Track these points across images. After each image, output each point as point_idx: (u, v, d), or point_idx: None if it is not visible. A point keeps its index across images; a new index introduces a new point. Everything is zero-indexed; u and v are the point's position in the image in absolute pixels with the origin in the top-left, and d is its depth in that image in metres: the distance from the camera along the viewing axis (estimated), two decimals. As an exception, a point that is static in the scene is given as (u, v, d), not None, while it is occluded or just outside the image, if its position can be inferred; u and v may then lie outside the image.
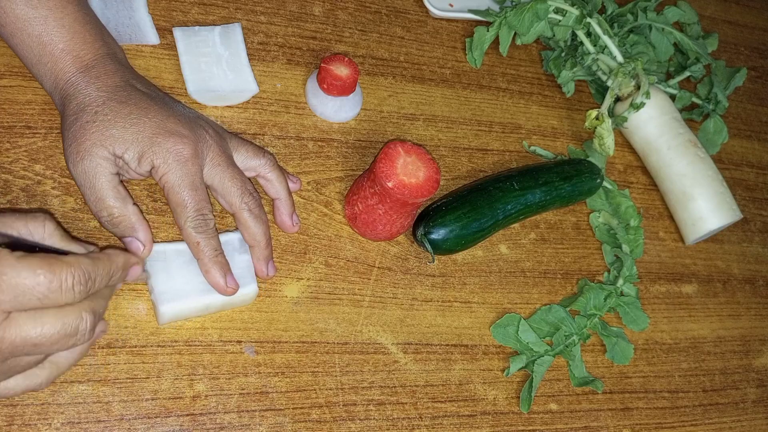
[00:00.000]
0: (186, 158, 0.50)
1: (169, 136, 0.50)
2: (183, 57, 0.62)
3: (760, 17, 1.03)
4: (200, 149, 0.52)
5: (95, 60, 0.52)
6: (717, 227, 0.75)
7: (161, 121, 0.51)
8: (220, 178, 0.53)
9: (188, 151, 0.51)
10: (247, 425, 0.52)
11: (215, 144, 0.53)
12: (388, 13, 0.75)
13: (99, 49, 0.53)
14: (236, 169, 0.54)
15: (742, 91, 0.93)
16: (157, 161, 0.50)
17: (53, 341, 0.40)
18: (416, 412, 0.58)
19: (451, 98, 0.74)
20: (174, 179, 0.50)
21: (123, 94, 0.51)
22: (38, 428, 0.47)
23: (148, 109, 0.51)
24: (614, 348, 0.67)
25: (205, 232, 0.51)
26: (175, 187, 0.50)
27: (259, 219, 0.54)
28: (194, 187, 0.51)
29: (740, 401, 0.72)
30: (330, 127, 0.66)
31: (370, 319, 0.60)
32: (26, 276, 0.38)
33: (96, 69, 0.52)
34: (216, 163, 0.53)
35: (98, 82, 0.51)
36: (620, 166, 0.79)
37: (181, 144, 0.50)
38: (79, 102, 0.50)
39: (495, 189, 0.66)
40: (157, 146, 0.50)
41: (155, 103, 0.52)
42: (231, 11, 0.67)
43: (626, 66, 0.74)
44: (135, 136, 0.50)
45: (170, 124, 0.51)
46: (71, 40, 0.52)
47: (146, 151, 0.50)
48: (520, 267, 0.68)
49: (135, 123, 0.50)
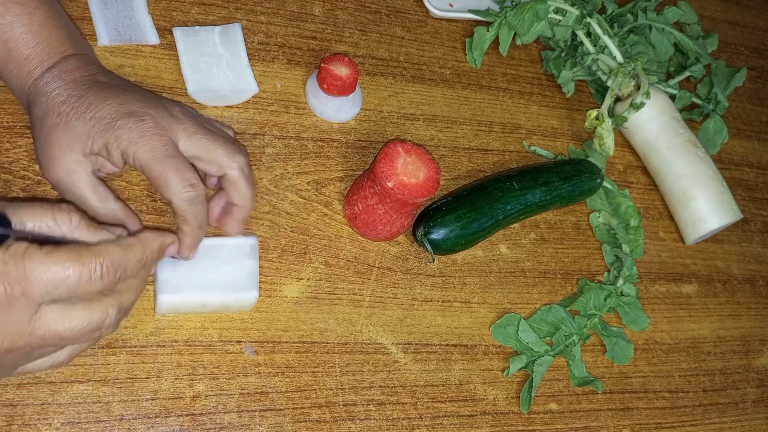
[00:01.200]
0: (152, 131, 0.48)
1: (128, 117, 0.49)
2: (183, 57, 0.62)
3: (760, 17, 1.03)
4: (167, 123, 0.50)
5: (58, 61, 0.51)
6: (717, 227, 0.75)
7: (120, 105, 0.49)
8: (201, 145, 0.50)
9: (151, 124, 0.49)
10: (247, 425, 0.52)
11: (184, 116, 0.51)
12: (388, 13, 0.75)
13: (65, 51, 0.52)
14: (215, 133, 0.52)
15: (742, 91, 0.93)
16: (123, 144, 0.48)
17: (79, 335, 0.41)
18: (416, 412, 0.58)
19: (451, 98, 0.74)
20: (144, 154, 0.48)
21: (82, 89, 0.50)
22: (38, 428, 0.47)
23: (106, 97, 0.50)
24: (614, 348, 0.67)
25: (195, 203, 0.49)
26: (150, 161, 0.48)
27: (249, 178, 0.53)
28: (169, 155, 0.48)
29: (740, 401, 0.72)
30: (330, 127, 0.66)
31: (370, 319, 0.60)
32: (56, 270, 0.38)
33: (57, 68, 0.51)
34: (191, 131, 0.50)
35: (59, 81, 0.50)
36: (620, 166, 0.79)
37: (143, 121, 0.49)
38: (42, 106, 0.50)
39: (495, 189, 0.66)
40: (118, 129, 0.48)
41: (114, 90, 0.51)
42: (231, 11, 0.67)
43: (626, 66, 0.74)
44: (95, 126, 0.48)
45: (130, 106, 0.49)
46: (36, 46, 0.51)
47: (109, 139, 0.48)
48: (520, 267, 0.68)
49: (94, 114, 0.49)
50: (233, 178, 0.52)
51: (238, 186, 0.52)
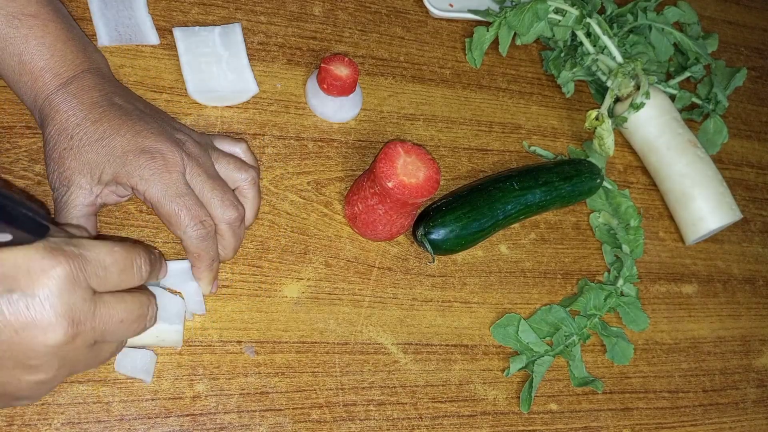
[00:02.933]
0: (162, 169, 0.49)
1: (141, 153, 0.49)
2: (183, 57, 0.62)
3: (760, 17, 1.03)
4: (179, 159, 0.51)
5: (74, 76, 0.51)
6: (717, 227, 0.75)
7: (133, 137, 0.50)
8: (200, 189, 0.51)
9: (161, 163, 0.49)
10: (247, 425, 0.52)
11: (193, 155, 0.52)
12: (388, 13, 0.75)
13: (79, 65, 0.52)
14: (218, 180, 0.53)
15: (742, 91, 0.93)
16: (133, 180, 0.49)
17: (133, 320, 0.44)
18: (416, 412, 0.58)
19: (451, 98, 0.74)
20: (156, 192, 0.49)
21: (98, 112, 0.50)
22: (38, 428, 0.47)
23: (120, 126, 0.50)
24: (614, 348, 0.67)
25: (206, 240, 0.51)
26: (161, 199, 0.49)
27: (236, 234, 0.54)
28: (180, 194, 0.50)
29: (740, 401, 0.72)
30: (330, 127, 0.66)
31: (370, 319, 0.60)
32: (106, 252, 0.42)
33: (74, 84, 0.51)
34: (195, 173, 0.51)
35: (74, 100, 0.50)
36: (620, 166, 0.79)
37: (154, 159, 0.49)
38: (56, 124, 0.50)
39: (495, 189, 0.66)
40: (129, 165, 0.49)
41: (129, 118, 0.51)
42: (231, 11, 0.67)
43: (626, 66, 0.74)
44: (107, 158, 0.49)
45: (143, 140, 0.50)
46: (51, 58, 0.51)
47: (119, 172, 0.49)
48: (520, 267, 0.68)
49: (107, 144, 0.49)
50: (220, 230, 0.53)
51: (223, 237, 0.53)
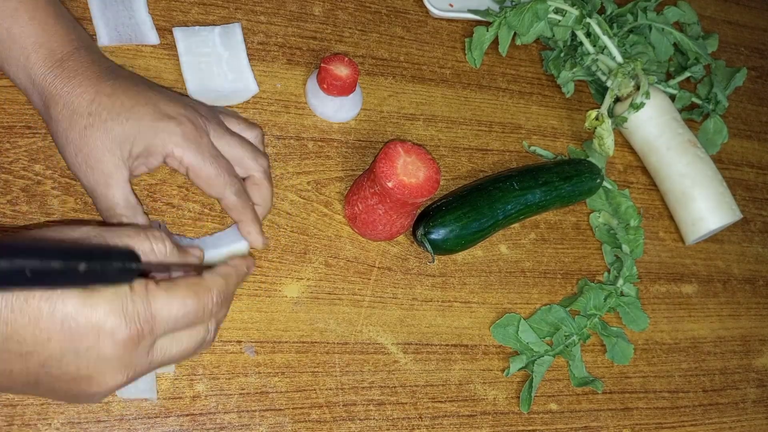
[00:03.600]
0: (194, 134, 0.50)
1: (168, 119, 0.49)
2: (183, 57, 0.62)
3: (760, 17, 1.03)
4: (200, 123, 0.51)
5: (69, 53, 0.50)
6: (717, 227, 0.75)
7: (154, 106, 0.50)
8: (228, 147, 0.53)
9: (191, 127, 0.50)
10: (247, 425, 0.52)
11: (211, 116, 0.53)
12: (388, 13, 0.75)
13: (72, 41, 0.51)
14: (236, 135, 0.54)
15: (742, 91, 0.93)
16: (168, 148, 0.49)
17: (187, 355, 0.44)
18: (416, 412, 0.58)
19: (451, 98, 0.74)
20: (194, 157, 0.50)
21: (108, 86, 0.49)
22: (38, 428, 0.47)
23: (137, 96, 0.50)
24: (614, 348, 0.67)
25: (243, 195, 0.52)
26: (200, 163, 0.50)
27: (270, 179, 0.55)
28: (216, 155, 0.51)
29: (740, 401, 0.72)
30: (330, 127, 0.66)
31: (370, 319, 0.60)
32: (178, 308, 0.41)
33: (71, 61, 0.50)
34: (219, 134, 0.52)
35: (78, 77, 0.49)
36: (620, 166, 0.79)
37: (182, 123, 0.50)
38: (66, 103, 0.48)
39: (495, 189, 0.66)
40: (162, 133, 0.49)
41: (141, 88, 0.51)
42: (231, 11, 0.67)
43: (626, 66, 0.74)
44: (135, 129, 0.48)
45: (164, 108, 0.50)
46: (43, 33, 0.50)
47: (152, 142, 0.49)
48: (520, 267, 0.68)
49: (131, 115, 0.49)
50: (258, 180, 0.54)
51: (261, 187, 0.54)
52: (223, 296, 0.44)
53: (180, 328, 0.42)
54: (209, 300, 0.43)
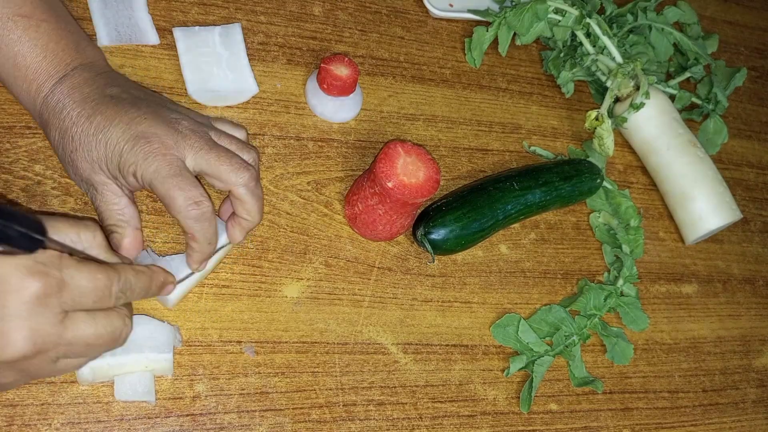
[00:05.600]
0: (158, 152, 0.49)
1: (137, 140, 0.49)
2: (183, 57, 0.62)
3: (760, 17, 1.03)
4: (174, 141, 0.50)
5: (65, 75, 0.51)
6: (717, 227, 0.75)
7: (127, 125, 0.49)
8: (206, 162, 0.51)
9: (157, 145, 0.49)
10: (247, 425, 0.52)
11: (191, 131, 0.51)
12: (388, 13, 0.75)
13: (70, 63, 0.52)
14: (220, 149, 0.52)
15: (742, 91, 0.93)
16: (131, 168, 0.49)
17: (102, 342, 0.43)
18: (416, 413, 0.58)
19: (451, 98, 0.74)
20: (152, 174, 0.48)
21: (90, 107, 0.50)
22: (38, 428, 0.47)
23: (114, 116, 0.50)
24: (614, 348, 0.67)
25: (201, 220, 0.50)
26: (154, 181, 0.49)
27: (255, 194, 0.53)
28: (173, 174, 0.49)
29: (740, 401, 0.72)
30: (330, 127, 0.66)
31: (370, 319, 0.60)
32: (87, 279, 0.41)
33: (66, 83, 0.51)
34: (198, 148, 0.51)
35: (67, 98, 0.50)
36: (620, 166, 0.79)
37: (149, 143, 0.49)
38: (58, 129, 0.50)
39: (495, 189, 0.66)
40: (127, 154, 0.49)
41: (122, 107, 0.51)
42: (231, 11, 0.67)
43: (625, 66, 0.74)
44: (108, 151, 0.49)
45: (137, 127, 0.50)
46: (44, 60, 0.51)
47: (121, 162, 0.49)
48: (520, 267, 0.68)
49: (103, 137, 0.49)
50: (239, 194, 0.52)
51: (244, 202, 0.53)
52: (128, 286, 0.44)
53: (89, 305, 0.42)
54: (116, 283, 0.43)
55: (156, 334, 0.50)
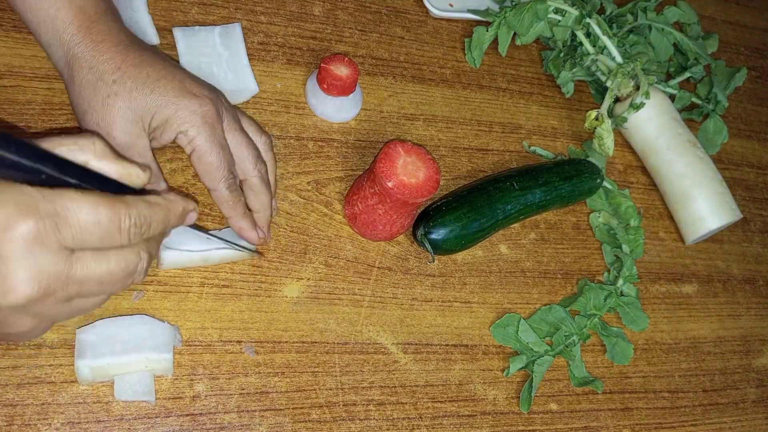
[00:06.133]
0: (212, 119, 0.50)
1: (192, 97, 0.50)
2: (183, 57, 0.62)
3: (760, 17, 1.03)
4: (220, 110, 0.51)
5: (99, 15, 0.50)
6: (717, 227, 0.75)
7: (180, 82, 0.50)
8: (236, 143, 0.53)
9: (212, 112, 0.50)
10: (247, 425, 0.52)
11: (230, 107, 0.53)
12: (388, 13, 0.75)
13: (100, 5, 0.51)
14: (247, 136, 0.54)
15: (742, 91, 0.93)
16: (185, 126, 0.49)
17: (117, 279, 0.39)
18: (416, 412, 0.58)
19: (451, 98, 0.74)
20: (204, 142, 0.50)
21: (135, 56, 0.50)
22: (38, 428, 0.47)
23: (163, 70, 0.50)
24: (614, 348, 0.67)
25: (236, 191, 0.52)
26: (206, 149, 0.50)
27: (268, 186, 0.55)
28: (223, 147, 0.51)
29: (740, 401, 0.72)
30: (330, 127, 0.66)
31: (370, 319, 0.60)
32: (87, 211, 0.37)
33: (101, 24, 0.50)
34: (232, 127, 0.52)
35: (106, 42, 0.49)
36: (620, 166, 0.79)
37: (206, 105, 0.50)
38: (92, 68, 0.48)
39: (495, 189, 0.66)
40: (183, 109, 0.49)
41: (167, 64, 0.51)
42: (231, 11, 0.67)
43: (625, 66, 0.74)
44: (158, 101, 0.49)
45: (189, 86, 0.50)
46: None
47: (172, 116, 0.49)
48: (520, 267, 0.68)
49: (155, 87, 0.49)
50: (254, 185, 0.54)
51: (258, 192, 0.55)
52: (143, 221, 0.39)
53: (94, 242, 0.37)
54: (125, 216, 0.38)
55: (156, 334, 0.50)
